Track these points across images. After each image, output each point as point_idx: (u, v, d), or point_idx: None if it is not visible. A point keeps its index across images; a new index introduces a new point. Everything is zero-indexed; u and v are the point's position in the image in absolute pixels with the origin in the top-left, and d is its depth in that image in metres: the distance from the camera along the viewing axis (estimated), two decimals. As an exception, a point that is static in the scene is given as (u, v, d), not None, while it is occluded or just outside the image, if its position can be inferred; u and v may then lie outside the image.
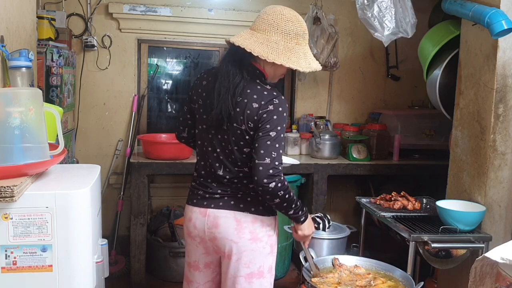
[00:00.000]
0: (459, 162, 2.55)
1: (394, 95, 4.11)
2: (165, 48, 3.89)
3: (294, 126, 3.81)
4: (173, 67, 3.99)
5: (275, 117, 1.64)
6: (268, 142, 1.62)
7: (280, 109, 1.66)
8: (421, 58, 2.97)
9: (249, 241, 1.74)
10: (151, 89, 3.85)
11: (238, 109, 1.66)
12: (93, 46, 3.51)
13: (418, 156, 3.66)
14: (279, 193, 1.63)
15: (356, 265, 2.15)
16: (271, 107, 1.64)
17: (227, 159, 1.74)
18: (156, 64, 3.86)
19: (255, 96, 1.66)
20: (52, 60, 2.67)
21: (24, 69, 1.73)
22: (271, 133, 1.63)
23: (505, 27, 2.11)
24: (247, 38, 1.67)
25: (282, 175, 1.65)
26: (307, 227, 1.84)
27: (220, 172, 1.75)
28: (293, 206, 1.72)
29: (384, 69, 4.07)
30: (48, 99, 2.66)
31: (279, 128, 1.64)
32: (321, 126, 3.79)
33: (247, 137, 1.68)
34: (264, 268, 1.78)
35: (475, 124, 2.42)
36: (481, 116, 2.36)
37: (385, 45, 2.76)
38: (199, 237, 1.81)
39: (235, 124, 1.67)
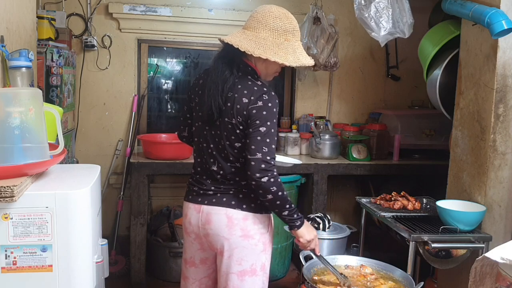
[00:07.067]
0: (459, 162, 2.55)
1: (394, 95, 4.11)
2: (165, 48, 3.89)
3: (294, 126, 3.80)
4: (173, 67, 3.99)
5: (264, 112, 1.65)
6: (259, 138, 1.64)
7: (270, 104, 1.67)
8: (421, 58, 2.97)
9: (240, 238, 1.75)
10: (151, 89, 3.85)
11: (228, 104, 1.68)
12: (93, 46, 3.51)
13: (418, 156, 3.65)
14: (271, 188, 1.64)
15: (362, 264, 2.15)
16: (260, 102, 1.66)
17: (220, 154, 1.76)
18: (156, 64, 3.86)
19: (245, 91, 1.68)
20: (52, 60, 2.67)
21: (24, 69, 1.73)
22: (261, 129, 1.64)
23: (505, 27, 2.11)
24: (237, 36, 1.73)
25: (275, 170, 1.66)
26: (306, 232, 1.80)
27: (214, 168, 1.77)
28: (287, 206, 1.70)
29: (384, 69, 4.06)
30: (48, 99, 2.66)
31: (269, 123, 1.65)
32: (321, 126, 3.78)
33: (237, 131, 1.69)
34: (256, 266, 1.78)
35: (475, 124, 2.42)
36: (481, 116, 2.36)
37: (382, 45, 2.78)
38: (194, 233, 1.84)
39: (226, 119, 1.70)
